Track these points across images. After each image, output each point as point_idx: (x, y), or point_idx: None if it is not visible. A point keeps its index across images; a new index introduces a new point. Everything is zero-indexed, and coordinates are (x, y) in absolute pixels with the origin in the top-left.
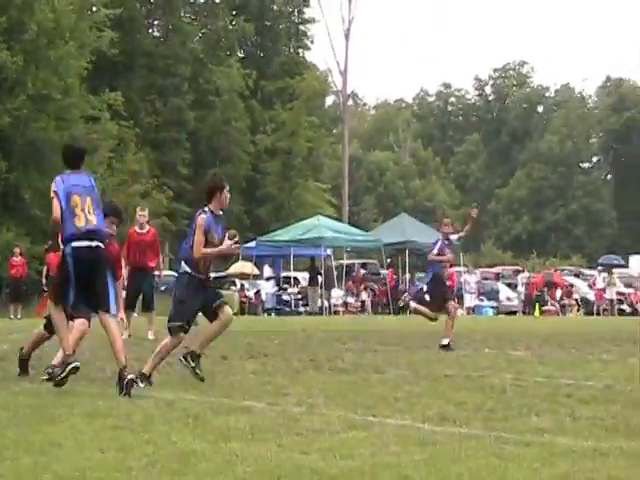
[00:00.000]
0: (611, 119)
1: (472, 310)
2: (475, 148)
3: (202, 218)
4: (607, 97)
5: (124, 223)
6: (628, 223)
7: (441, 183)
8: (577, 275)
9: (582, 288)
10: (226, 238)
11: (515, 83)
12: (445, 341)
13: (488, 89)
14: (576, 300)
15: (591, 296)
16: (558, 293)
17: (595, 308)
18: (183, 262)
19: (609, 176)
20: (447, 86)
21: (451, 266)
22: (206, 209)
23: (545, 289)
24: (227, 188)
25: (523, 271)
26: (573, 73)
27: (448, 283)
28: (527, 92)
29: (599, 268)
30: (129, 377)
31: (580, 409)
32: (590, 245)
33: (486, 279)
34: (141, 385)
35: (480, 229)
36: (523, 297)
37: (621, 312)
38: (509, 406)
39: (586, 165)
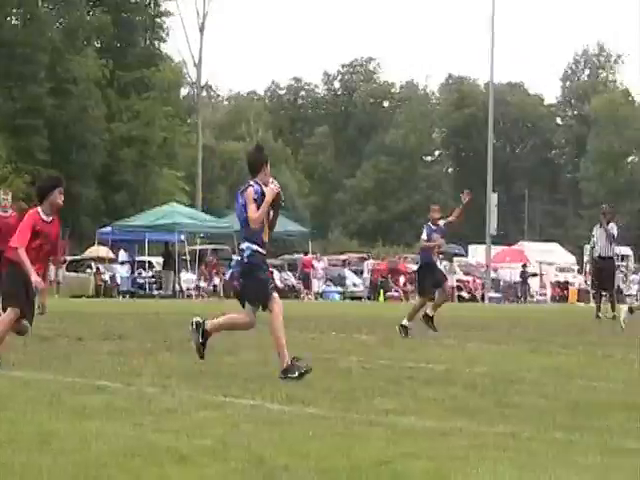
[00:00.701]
0: (453, 115)
1: (320, 295)
2: (324, 140)
3: (251, 191)
4: (449, 94)
5: None
6: (467, 214)
7: (291, 173)
8: None
9: None
10: (270, 183)
11: (362, 79)
12: (405, 321)
13: (337, 84)
14: None
15: None
16: (402, 280)
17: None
18: (247, 242)
19: (450, 169)
20: (297, 80)
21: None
22: (252, 182)
23: (389, 276)
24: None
25: (369, 258)
26: (417, 70)
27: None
28: (374, 87)
29: (440, 257)
30: None
31: (422, 391)
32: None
33: (333, 266)
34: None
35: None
36: (368, 283)
37: (461, 298)
38: (355, 388)
39: (428, 158)
